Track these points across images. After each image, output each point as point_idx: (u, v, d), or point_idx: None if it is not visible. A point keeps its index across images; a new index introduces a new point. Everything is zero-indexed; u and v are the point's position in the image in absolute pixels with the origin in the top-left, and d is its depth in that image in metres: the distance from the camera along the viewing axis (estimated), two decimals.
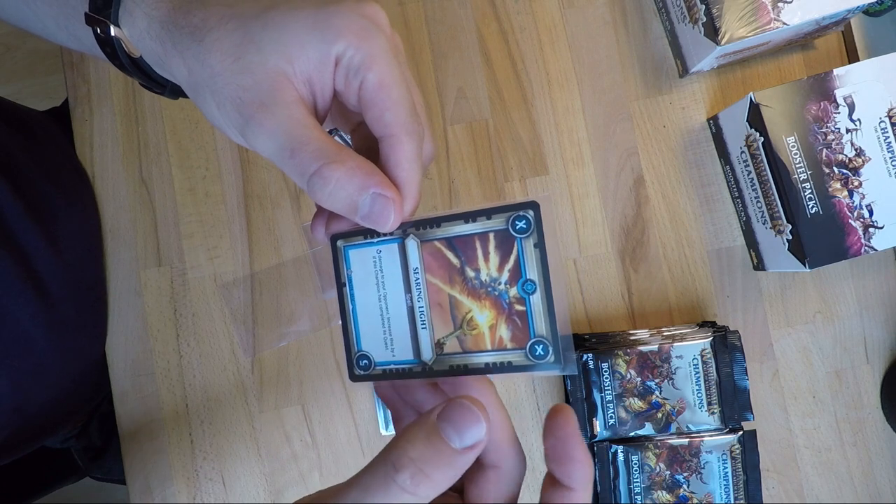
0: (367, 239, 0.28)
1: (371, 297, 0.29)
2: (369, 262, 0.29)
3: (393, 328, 0.28)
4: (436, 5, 0.57)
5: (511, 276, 0.25)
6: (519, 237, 0.25)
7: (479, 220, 0.26)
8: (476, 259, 0.26)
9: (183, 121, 0.56)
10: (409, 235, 0.27)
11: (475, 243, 0.26)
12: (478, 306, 0.26)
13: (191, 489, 0.53)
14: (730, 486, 0.47)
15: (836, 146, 0.46)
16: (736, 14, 0.47)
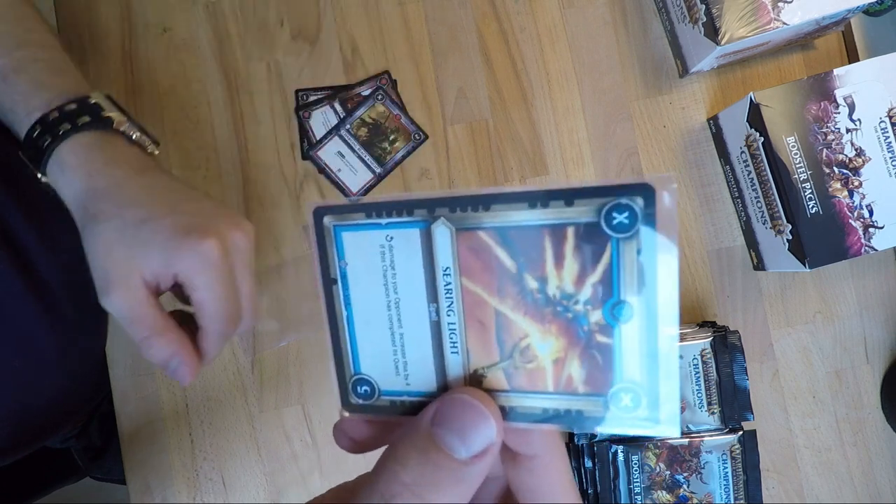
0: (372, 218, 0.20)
1: (376, 301, 0.21)
2: (374, 251, 0.21)
3: (408, 348, 0.21)
4: (436, 5, 0.57)
5: (595, 293, 0.18)
6: (615, 237, 0.18)
7: (554, 206, 0.18)
8: (542, 264, 0.19)
9: (183, 121, 0.56)
10: (438, 218, 0.19)
11: (543, 240, 0.18)
12: (539, 331, 0.19)
13: (191, 489, 0.53)
14: (730, 486, 0.47)
15: (836, 146, 0.46)
16: (736, 14, 0.47)
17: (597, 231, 0.18)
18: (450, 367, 0.20)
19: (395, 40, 0.56)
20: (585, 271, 0.18)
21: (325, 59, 0.56)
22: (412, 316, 0.21)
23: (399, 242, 0.20)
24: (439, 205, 0.19)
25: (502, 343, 0.19)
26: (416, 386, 0.21)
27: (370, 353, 0.21)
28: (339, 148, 0.54)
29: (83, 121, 0.38)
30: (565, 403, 0.19)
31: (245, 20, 0.57)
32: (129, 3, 0.57)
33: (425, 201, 0.19)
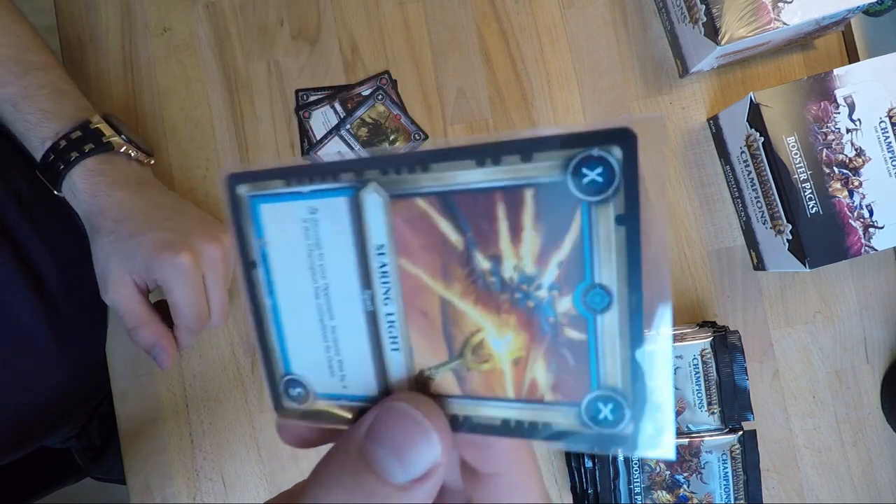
0: (292, 186, 0.17)
1: (302, 288, 0.17)
2: (296, 227, 0.17)
3: (342, 344, 0.17)
4: (436, 5, 0.57)
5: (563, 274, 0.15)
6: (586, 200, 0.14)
7: (508, 163, 0.14)
8: (495, 237, 0.15)
9: (183, 121, 0.56)
10: (367, 182, 0.16)
11: (495, 207, 0.15)
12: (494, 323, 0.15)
13: (191, 489, 0.53)
14: (730, 486, 0.47)
15: (837, 146, 0.46)
16: (736, 14, 0.47)
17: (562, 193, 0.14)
18: (391, 366, 0.17)
19: (395, 40, 0.56)
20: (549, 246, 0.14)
21: (325, 59, 0.56)
22: (344, 305, 0.17)
23: (324, 215, 0.16)
24: (368, 166, 0.15)
25: (450, 338, 0.16)
26: (354, 389, 0.17)
27: (300, 349, 0.18)
28: (339, 148, 0.54)
29: (89, 148, 0.45)
30: (530, 414, 0.15)
31: (245, 20, 0.57)
32: (129, 3, 0.57)
33: (351, 162, 0.16)
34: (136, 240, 0.44)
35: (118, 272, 0.44)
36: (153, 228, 0.45)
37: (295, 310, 0.18)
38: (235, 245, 0.18)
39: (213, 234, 0.46)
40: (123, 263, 0.44)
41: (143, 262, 0.43)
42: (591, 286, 0.14)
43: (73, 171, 0.45)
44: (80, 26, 0.57)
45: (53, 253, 0.51)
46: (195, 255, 0.44)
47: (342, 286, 0.17)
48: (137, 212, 0.45)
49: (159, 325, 0.45)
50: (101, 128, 0.46)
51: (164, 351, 0.45)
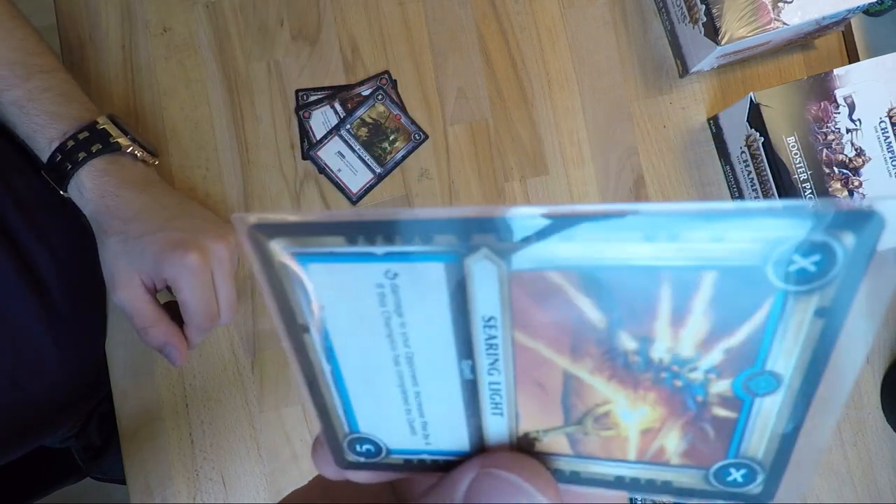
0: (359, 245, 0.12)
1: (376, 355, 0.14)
2: (367, 292, 0.13)
3: (427, 408, 0.15)
4: (436, 5, 0.57)
5: (727, 360, 0.12)
6: (785, 290, 0.11)
7: (688, 239, 0.11)
8: (650, 320, 0.12)
9: (183, 121, 0.56)
10: (478, 249, 0.12)
11: (659, 290, 0.12)
12: (628, 397, 0.13)
13: (191, 489, 0.53)
14: None
15: (837, 146, 0.46)
16: (736, 14, 0.47)
17: (756, 279, 0.11)
18: (489, 429, 0.14)
19: (395, 40, 0.56)
20: (718, 333, 0.12)
21: (325, 59, 0.56)
22: (433, 373, 0.14)
23: (408, 280, 0.13)
24: (478, 229, 0.12)
25: (569, 408, 0.14)
26: (440, 445, 0.15)
27: (371, 412, 0.15)
28: (339, 148, 0.54)
29: (96, 148, 0.45)
30: (649, 473, 0.14)
31: (245, 20, 0.57)
32: (129, 3, 0.57)
33: (455, 223, 0.12)
34: (145, 239, 0.44)
35: (127, 272, 0.44)
36: (161, 228, 0.45)
37: (365, 376, 0.15)
38: (274, 308, 0.14)
39: (221, 233, 0.46)
40: (132, 263, 0.44)
41: (152, 262, 0.43)
42: (758, 373, 0.12)
43: (80, 171, 0.45)
44: (80, 26, 0.57)
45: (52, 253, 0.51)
46: (204, 254, 0.44)
47: (432, 354, 0.14)
48: (145, 211, 0.45)
49: (169, 324, 0.45)
50: (108, 128, 0.46)
51: (175, 349, 0.45)
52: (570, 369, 0.13)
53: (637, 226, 0.11)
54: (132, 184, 0.47)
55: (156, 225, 0.45)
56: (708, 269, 0.11)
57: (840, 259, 0.10)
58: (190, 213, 0.48)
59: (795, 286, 0.11)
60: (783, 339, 0.12)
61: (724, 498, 0.14)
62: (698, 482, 0.14)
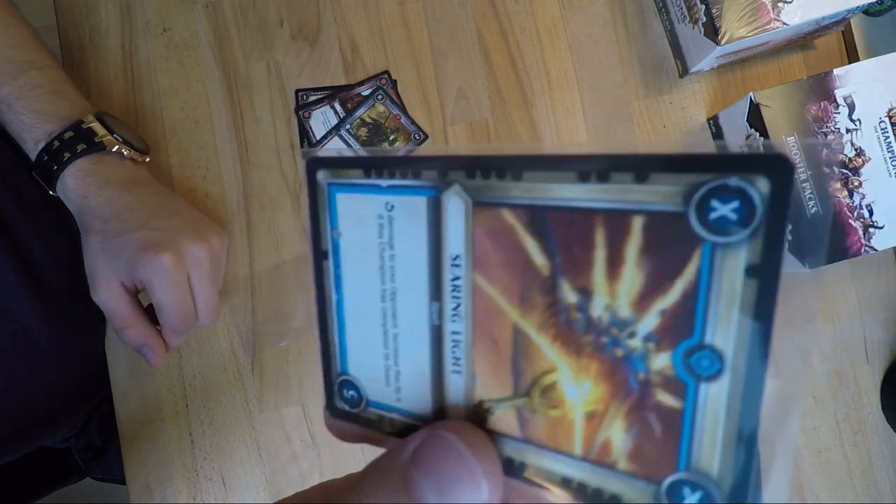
0: (371, 178, 0.15)
1: (369, 287, 0.16)
2: (371, 222, 0.15)
3: (402, 354, 0.16)
4: (436, 5, 0.57)
5: (665, 325, 0.12)
6: (711, 241, 0.11)
7: (618, 181, 0.12)
8: (589, 267, 0.13)
9: (183, 121, 0.56)
10: (451, 184, 0.14)
11: (594, 232, 0.12)
12: (571, 366, 0.13)
13: (191, 489, 0.53)
14: None
15: (837, 146, 0.46)
16: (736, 14, 0.47)
17: (680, 227, 0.11)
18: (449, 389, 0.15)
19: (395, 40, 0.56)
20: (653, 289, 0.12)
21: (325, 59, 0.56)
22: (409, 313, 0.15)
23: (401, 213, 0.15)
24: (454, 166, 0.14)
25: (519, 373, 0.14)
26: (408, 404, 0.16)
27: (360, 351, 0.17)
28: (338, 148, 0.54)
29: (81, 148, 0.45)
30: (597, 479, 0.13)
31: (245, 20, 0.57)
32: (129, 3, 0.57)
33: (438, 159, 0.14)
34: (123, 239, 0.44)
35: (105, 272, 0.44)
36: (140, 227, 0.44)
37: (360, 309, 0.16)
38: (309, 232, 0.17)
39: (200, 234, 0.46)
40: (110, 263, 0.44)
41: (127, 262, 0.43)
42: (698, 346, 0.12)
43: (65, 171, 0.45)
44: (80, 26, 0.57)
45: (52, 252, 0.51)
46: (178, 255, 0.44)
47: (410, 293, 0.15)
48: (126, 211, 0.45)
49: (146, 325, 0.46)
50: (93, 127, 0.46)
51: (151, 350, 0.46)
52: (520, 322, 0.14)
53: (570, 164, 0.12)
54: (116, 183, 0.46)
55: (134, 225, 0.44)
56: (636, 212, 0.12)
57: (758, 206, 0.11)
58: (173, 212, 0.47)
59: (719, 236, 0.11)
60: (718, 304, 0.11)
61: None
62: (648, 501, 0.13)
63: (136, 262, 0.43)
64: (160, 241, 0.44)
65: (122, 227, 0.44)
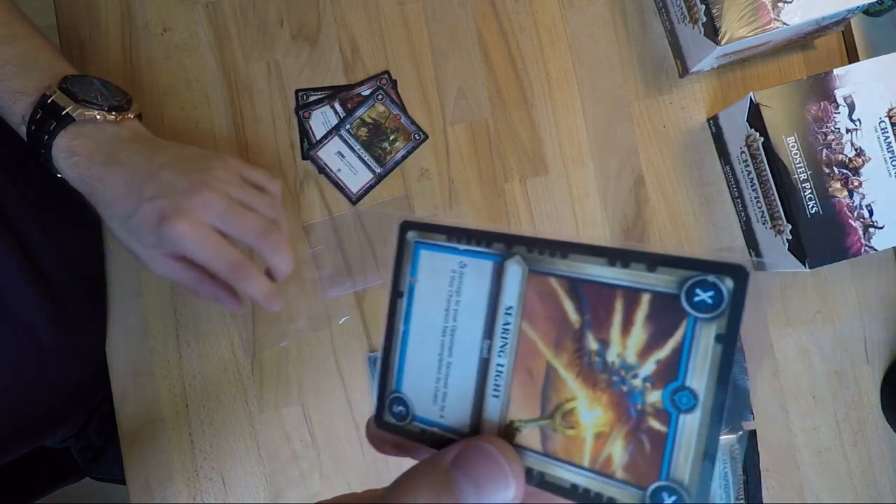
0: (452, 242, 0.20)
1: (433, 324, 0.21)
2: (445, 274, 0.20)
3: (451, 379, 0.20)
4: (436, 5, 0.57)
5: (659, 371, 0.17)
6: (694, 316, 0.17)
7: (634, 268, 0.17)
8: (608, 325, 0.18)
9: (183, 121, 0.56)
10: (513, 255, 0.19)
11: (615, 301, 0.17)
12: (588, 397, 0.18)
13: (191, 489, 0.53)
14: (730, 486, 0.47)
15: (836, 146, 0.46)
16: (736, 14, 0.47)
17: (674, 304, 0.17)
18: (487, 409, 0.19)
19: (395, 40, 0.56)
20: (652, 344, 0.17)
21: (325, 59, 0.56)
22: (464, 347, 0.20)
23: (471, 271, 0.20)
24: (518, 242, 0.19)
25: (546, 399, 0.18)
26: (450, 420, 0.20)
27: (414, 374, 0.21)
28: (339, 148, 0.54)
29: (52, 125, 0.42)
30: (598, 485, 0.17)
31: (245, 20, 0.57)
32: (129, 3, 0.57)
33: (506, 236, 0.19)
34: (133, 221, 0.42)
35: (143, 251, 0.43)
36: (138, 204, 0.42)
37: (421, 340, 0.21)
38: (391, 276, 0.21)
39: (198, 178, 0.42)
40: (142, 243, 0.42)
41: (151, 241, 0.42)
42: (681, 387, 0.16)
43: (52, 152, 0.42)
44: (80, 26, 0.57)
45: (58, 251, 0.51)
46: (185, 215, 0.41)
47: (467, 331, 0.20)
48: (119, 188, 0.42)
49: (210, 282, 0.44)
50: (55, 100, 0.42)
51: (227, 299, 0.45)
52: (552, 361, 0.18)
53: (602, 254, 0.18)
54: (100, 158, 0.43)
55: (132, 202, 0.42)
56: (645, 290, 0.17)
57: (726, 296, 0.16)
58: (162, 166, 0.43)
59: (700, 313, 0.16)
60: (696, 358, 0.16)
61: None
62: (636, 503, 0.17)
63: (160, 241, 0.41)
64: (162, 212, 0.41)
65: (126, 209, 0.42)
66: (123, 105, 0.45)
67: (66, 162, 0.43)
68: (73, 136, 0.42)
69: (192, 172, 0.43)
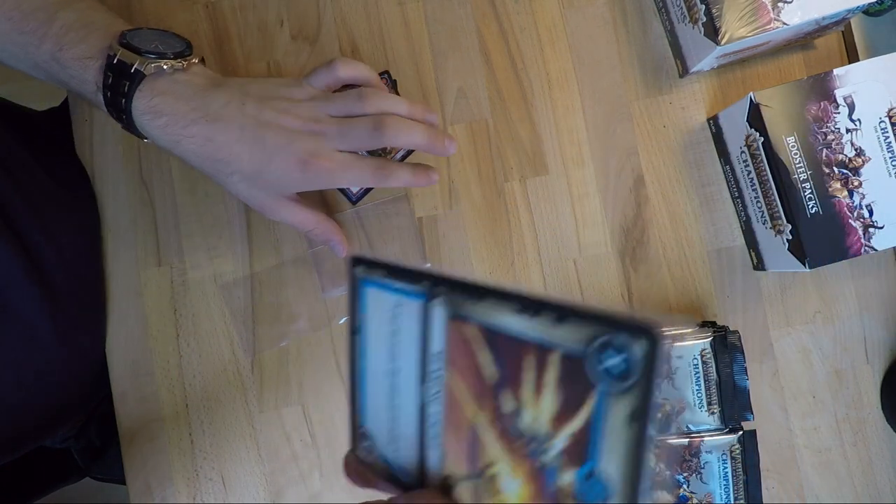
0: (389, 278, 0.20)
1: (381, 363, 0.20)
2: (386, 312, 0.20)
3: (401, 420, 0.20)
4: (436, 5, 0.57)
5: (572, 447, 0.15)
6: (604, 387, 0.14)
7: (544, 318, 0.15)
8: (521, 384, 0.16)
9: None
10: (438, 296, 0.18)
11: (526, 357, 0.16)
12: (509, 463, 0.16)
13: (191, 489, 0.53)
14: (730, 486, 0.47)
15: (836, 146, 0.46)
16: (736, 14, 0.47)
17: (583, 370, 0.14)
18: (429, 458, 0.19)
19: (395, 40, 0.56)
20: (565, 413, 0.15)
21: (325, 60, 0.56)
22: (406, 391, 0.19)
23: (405, 311, 0.19)
24: (440, 283, 0.18)
25: (474, 458, 0.17)
26: (403, 461, 0.20)
27: (374, 410, 0.21)
28: None
29: (125, 86, 0.40)
30: None
31: (245, 20, 0.57)
32: (130, 3, 0.57)
33: (428, 276, 0.19)
34: (268, 174, 0.43)
35: (270, 202, 0.45)
36: (267, 153, 0.42)
37: (375, 379, 0.20)
38: (348, 312, 0.22)
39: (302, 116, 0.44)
40: (271, 193, 0.44)
41: (292, 186, 0.44)
42: (592, 472, 0.15)
43: (137, 122, 0.42)
44: None
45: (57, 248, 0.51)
46: (323, 152, 0.43)
47: (408, 373, 0.19)
48: (236, 143, 0.42)
49: (327, 220, 0.48)
50: (121, 58, 0.40)
51: (338, 243, 0.49)
52: (475, 417, 0.17)
53: (515, 300, 0.16)
54: (192, 117, 0.42)
55: (258, 157, 0.42)
56: (554, 348, 0.15)
57: (635, 364, 0.14)
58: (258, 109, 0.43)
59: (611, 382, 0.14)
60: (609, 437, 0.14)
61: None
62: None
63: (300, 184, 0.44)
64: (300, 157, 0.42)
65: (254, 164, 0.42)
66: (186, 50, 0.44)
67: (154, 125, 0.41)
68: (150, 94, 0.41)
69: (288, 106, 0.44)
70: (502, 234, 0.55)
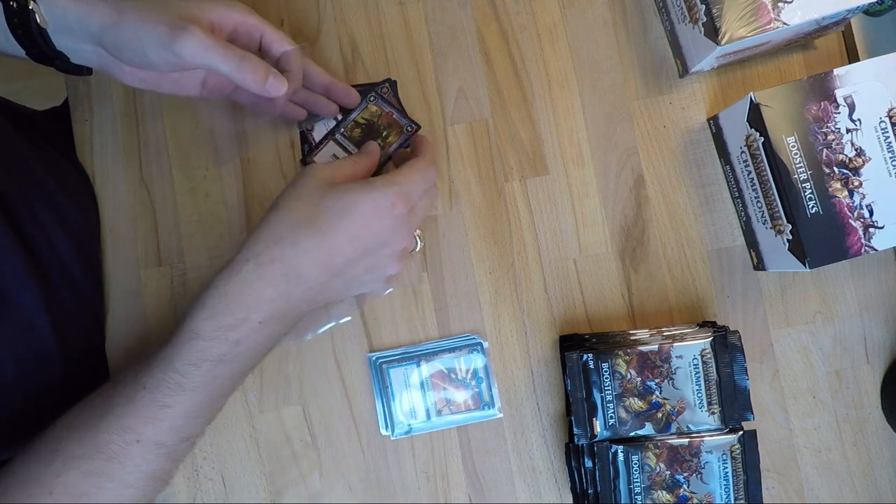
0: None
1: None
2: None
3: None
4: (436, 5, 0.57)
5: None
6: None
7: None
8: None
9: (183, 121, 0.56)
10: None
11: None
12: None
13: (191, 489, 0.53)
14: (730, 486, 0.47)
15: (837, 146, 0.46)
16: (736, 14, 0.47)
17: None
18: None
19: (395, 40, 0.56)
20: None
21: (325, 60, 0.56)
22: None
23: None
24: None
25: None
26: None
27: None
28: (334, 151, 0.54)
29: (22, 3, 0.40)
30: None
31: None
32: None
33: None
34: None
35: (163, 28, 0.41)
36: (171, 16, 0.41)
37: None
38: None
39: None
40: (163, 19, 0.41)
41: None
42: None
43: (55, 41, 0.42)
44: None
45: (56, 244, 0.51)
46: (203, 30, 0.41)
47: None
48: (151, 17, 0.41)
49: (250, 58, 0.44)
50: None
51: (273, 84, 0.44)
52: None
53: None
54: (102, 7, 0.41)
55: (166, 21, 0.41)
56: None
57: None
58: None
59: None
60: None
61: None
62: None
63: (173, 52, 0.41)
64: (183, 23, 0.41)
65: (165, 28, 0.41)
66: None
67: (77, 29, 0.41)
68: (50, 4, 0.40)
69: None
70: (502, 234, 0.55)
